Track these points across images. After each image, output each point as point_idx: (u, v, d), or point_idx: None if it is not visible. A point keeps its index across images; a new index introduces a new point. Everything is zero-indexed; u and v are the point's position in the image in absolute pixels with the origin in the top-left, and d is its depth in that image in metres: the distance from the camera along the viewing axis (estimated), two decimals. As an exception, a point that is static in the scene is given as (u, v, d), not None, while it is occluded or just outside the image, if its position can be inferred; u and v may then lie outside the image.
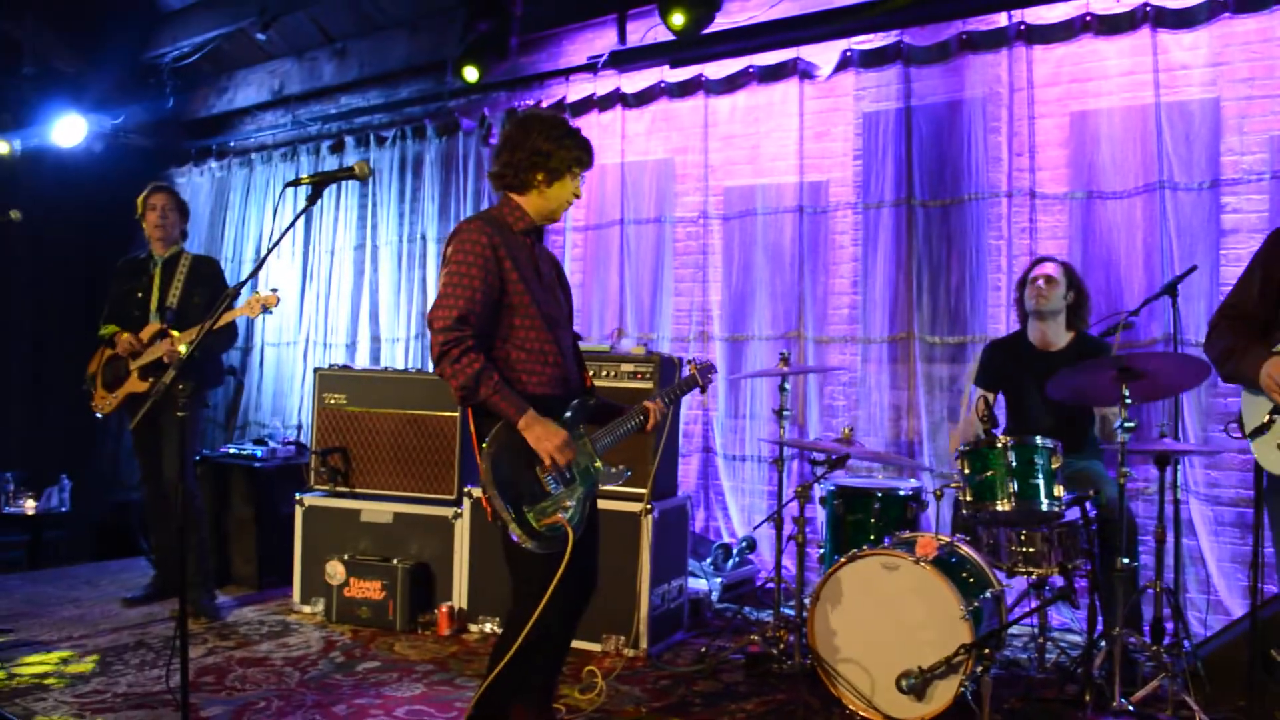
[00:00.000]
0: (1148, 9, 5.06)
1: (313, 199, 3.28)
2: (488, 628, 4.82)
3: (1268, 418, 2.76)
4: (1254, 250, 3.02)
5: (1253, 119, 4.90)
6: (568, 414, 3.06)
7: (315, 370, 5.50)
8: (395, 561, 5.00)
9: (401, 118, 7.82)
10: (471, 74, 6.61)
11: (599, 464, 3.15)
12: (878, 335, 5.74)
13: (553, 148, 3.13)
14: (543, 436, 2.92)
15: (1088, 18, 5.24)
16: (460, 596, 4.92)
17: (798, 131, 6.03)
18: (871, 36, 5.83)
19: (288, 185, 3.41)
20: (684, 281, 6.43)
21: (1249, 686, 3.96)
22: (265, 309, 4.89)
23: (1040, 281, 4.57)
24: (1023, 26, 5.39)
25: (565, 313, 3.30)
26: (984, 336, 5.34)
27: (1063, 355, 4.56)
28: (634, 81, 6.63)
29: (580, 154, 3.20)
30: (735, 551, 5.73)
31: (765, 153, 6.18)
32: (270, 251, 3.43)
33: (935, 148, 5.63)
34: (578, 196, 3.26)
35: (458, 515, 4.97)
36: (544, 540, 2.90)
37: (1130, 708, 3.85)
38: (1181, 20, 5.02)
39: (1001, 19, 5.45)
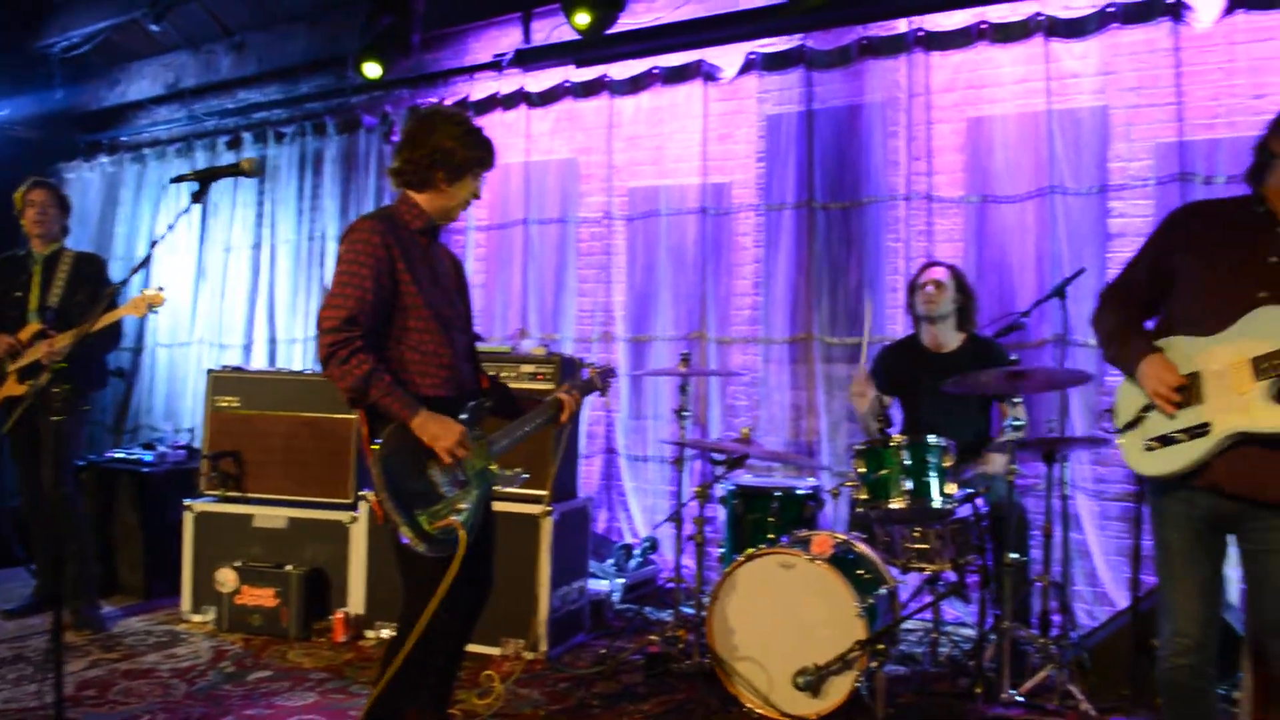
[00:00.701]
0: (1040, 18, 5.18)
1: (199, 196, 3.17)
2: (384, 633, 4.72)
3: (1139, 413, 2.81)
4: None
5: (1139, 127, 5.04)
6: (464, 415, 3.01)
7: (208, 372, 5.34)
8: (289, 568, 4.87)
9: (301, 113, 7.66)
10: (373, 70, 6.50)
11: (495, 466, 3.10)
12: (779, 336, 5.78)
13: (455, 146, 3.06)
14: (439, 434, 2.86)
15: (983, 25, 5.34)
16: (357, 602, 4.82)
17: (701, 133, 6.05)
18: (775, 40, 5.88)
19: (173, 181, 3.29)
20: (587, 282, 6.41)
21: (1131, 675, 4.09)
22: (152, 308, 4.73)
23: (929, 287, 4.66)
24: (921, 33, 5.48)
25: (462, 313, 3.24)
26: (882, 337, 5.41)
27: (955, 356, 4.64)
28: (539, 81, 6.59)
29: (482, 154, 3.14)
30: (638, 552, 5.72)
31: (669, 154, 6.19)
32: (151, 251, 3.31)
33: (836, 151, 5.70)
34: (477, 197, 3.21)
35: (354, 519, 4.87)
36: (436, 543, 2.84)
37: (1019, 698, 3.94)
38: (1072, 30, 5.15)
39: (901, 25, 5.54)
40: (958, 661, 4.36)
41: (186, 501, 5.13)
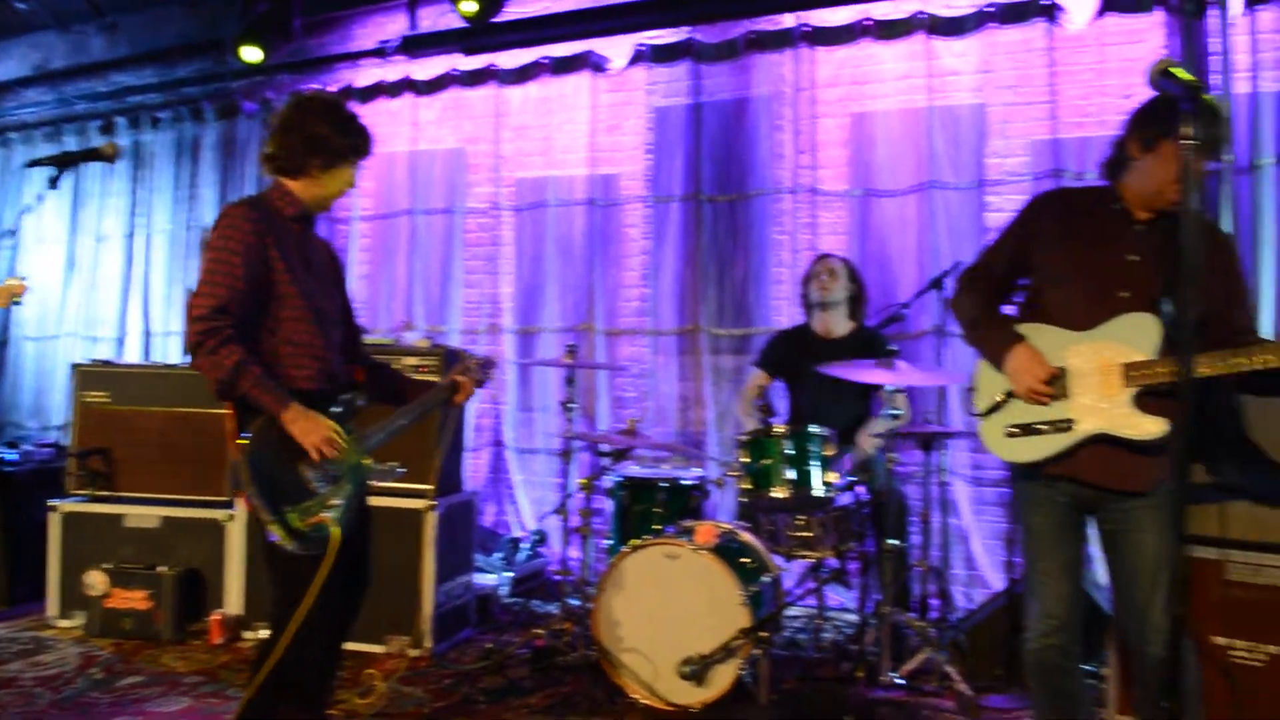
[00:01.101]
0: (922, 16, 5.29)
1: (55, 181, 3.03)
2: (264, 634, 4.58)
3: (1000, 398, 2.86)
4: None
5: (1015, 124, 5.19)
6: (336, 409, 2.94)
7: (73, 366, 5.12)
8: (162, 569, 4.70)
9: (178, 98, 7.38)
10: (252, 54, 6.34)
11: (369, 460, 3.03)
12: (666, 327, 5.81)
13: (331, 132, 2.97)
14: (309, 429, 2.78)
15: (867, 22, 5.44)
16: (234, 603, 4.67)
17: (589, 124, 6.03)
18: (663, 32, 5.89)
19: (28, 165, 3.15)
20: (475, 273, 6.33)
21: (1006, 656, 4.21)
22: (14, 299, 4.50)
23: (824, 275, 4.78)
24: (807, 28, 5.56)
25: (337, 304, 3.15)
26: (768, 329, 5.48)
27: (844, 342, 4.76)
28: (425, 68, 6.48)
29: (358, 141, 3.05)
30: (526, 545, 5.67)
31: (557, 144, 6.15)
32: (7, 234, 3.16)
33: (723, 144, 5.74)
34: (352, 186, 3.11)
35: (230, 517, 4.72)
36: (306, 541, 2.75)
37: (899, 680, 4.03)
38: (953, 28, 5.27)
39: (788, 20, 5.60)
40: (840, 646, 4.44)
41: (52, 502, 4.91)
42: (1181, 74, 2.05)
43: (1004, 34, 5.21)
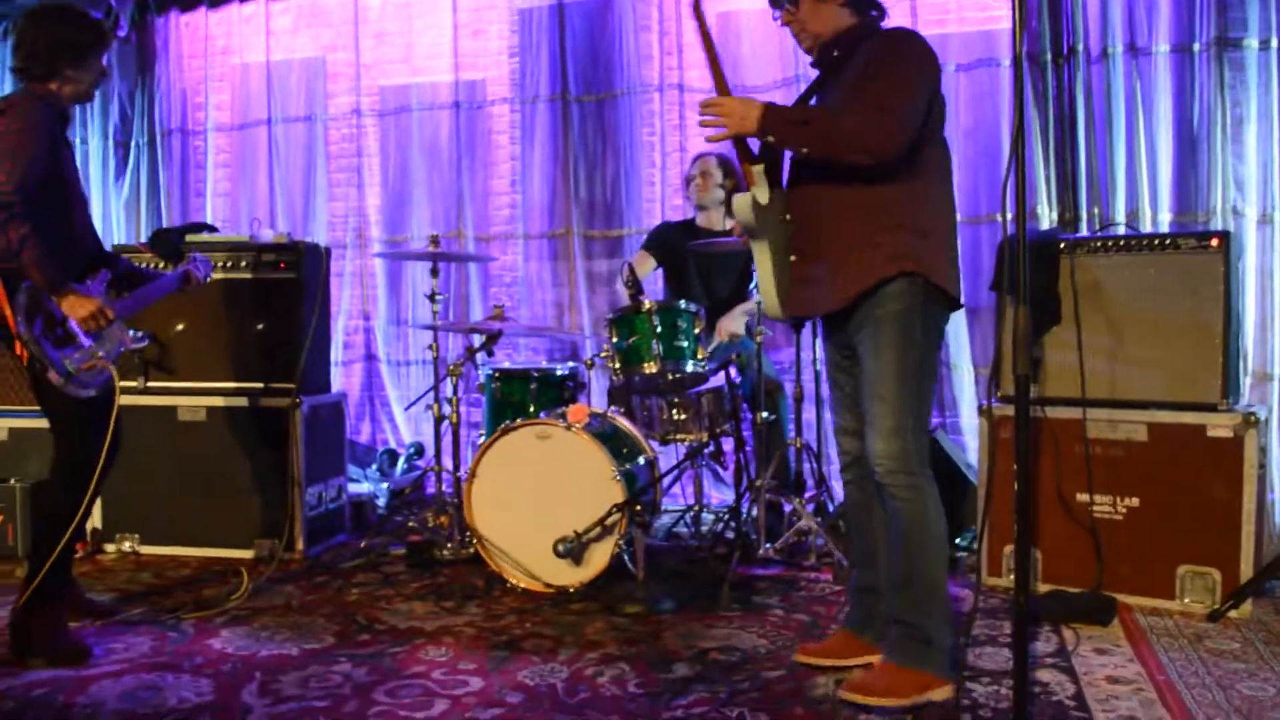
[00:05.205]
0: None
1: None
2: (127, 546, 4.42)
3: None
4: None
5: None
6: (94, 284, 3.23)
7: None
8: (13, 481, 4.46)
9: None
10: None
11: (120, 327, 3.29)
12: (537, 231, 5.73)
13: (75, 33, 3.21)
14: (77, 305, 3.04)
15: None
16: (93, 516, 4.47)
17: (452, 28, 5.85)
18: (525, -71, 5.74)
19: None
20: (339, 185, 6.09)
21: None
22: None
23: (699, 178, 4.90)
24: (672, -71, 5.48)
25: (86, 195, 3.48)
26: (640, 229, 5.46)
27: (726, 235, 4.79)
28: (278, -29, 6.20)
29: (101, 32, 3.28)
30: (404, 458, 5.57)
31: (419, 51, 5.95)
32: None
33: (589, 45, 5.64)
34: (106, 74, 3.36)
35: (85, 426, 4.50)
36: (80, 383, 3.08)
37: (775, 555, 4.08)
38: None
39: (651, -81, 5.52)
40: (719, 534, 4.44)
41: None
42: None
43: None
